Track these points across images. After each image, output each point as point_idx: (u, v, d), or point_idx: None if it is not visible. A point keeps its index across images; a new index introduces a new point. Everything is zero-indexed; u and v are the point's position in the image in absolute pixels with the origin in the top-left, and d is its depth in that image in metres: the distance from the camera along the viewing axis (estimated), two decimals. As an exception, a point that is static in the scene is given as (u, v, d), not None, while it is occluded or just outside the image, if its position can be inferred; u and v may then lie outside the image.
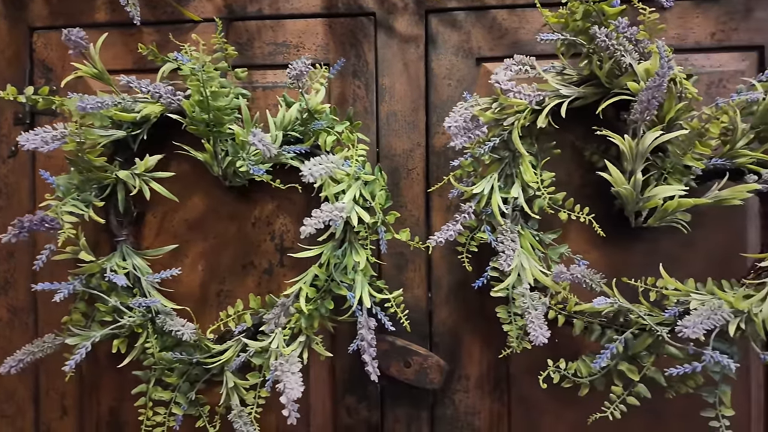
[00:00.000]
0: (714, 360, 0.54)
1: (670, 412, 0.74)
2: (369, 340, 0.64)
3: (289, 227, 0.78)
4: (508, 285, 0.63)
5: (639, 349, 0.63)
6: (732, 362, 0.54)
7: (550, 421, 0.75)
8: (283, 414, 0.61)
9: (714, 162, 0.64)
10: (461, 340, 0.77)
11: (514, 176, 0.67)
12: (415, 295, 0.77)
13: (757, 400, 0.74)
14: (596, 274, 0.61)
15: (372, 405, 0.78)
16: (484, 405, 0.77)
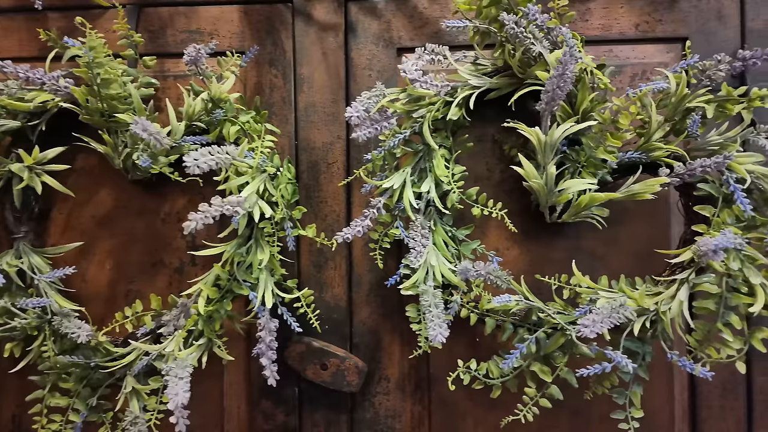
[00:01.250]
0: (613, 359, 0.51)
1: (594, 413, 0.72)
2: (268, 342, 0.61)
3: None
4: (417, 282, 0.60)
5: (552, 348, 0.61)
6: (630, 363, 0.52)
7: (471, 423, 0.73)
8: (171, 421, 0.57)
9: (630, 155, 0.62)
10: (382, 341, 0.74)
11: (427, 170, 0.65)
12: (335, 295, 0.74)
13: (681, 400, 0.73)
14: (503, 271, 0.58)
15: (289, 409, 0.74)
16: (404, 407, 0.74)
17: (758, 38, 0.71)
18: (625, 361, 0.51)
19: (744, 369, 0.55)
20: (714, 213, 0.56)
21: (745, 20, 0.72)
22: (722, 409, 0.72)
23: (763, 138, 0.57)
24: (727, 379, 0.72)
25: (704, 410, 0.72)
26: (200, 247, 0.73)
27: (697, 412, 0.72)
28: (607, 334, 0.54)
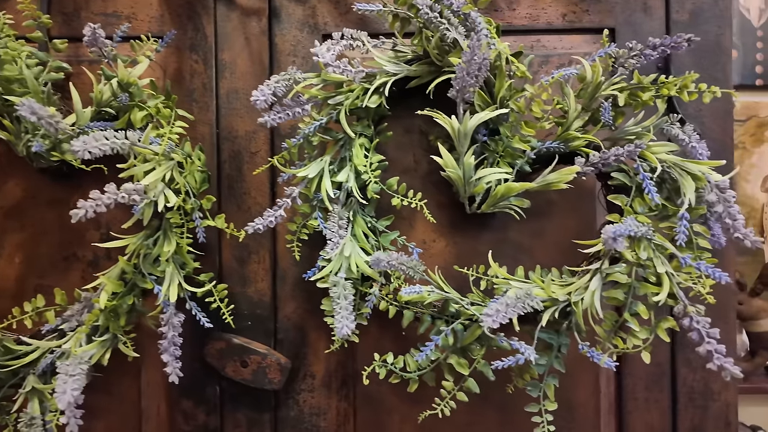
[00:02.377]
0: (517, 348, 0.50)
1: (520, 407, 0.71)
2: (170, 338, 0.58)
3: (117, 215, 0.71)
4: (331, 273, 0.58)
5: (469, 340, 0.59)
6: (532, 351, 0.51)
7: (397, 419, 0.71)
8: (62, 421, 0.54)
9: (548, 145, 0.61)
10: (307, 337, 0.72)
11: (347, 160, 0.63)
12: (259, 289, 0.72)
13: (608, 393, 0.72)
14: (416, 262, 0.57)
15: (210, 409, 0.72)
16: (330, 404, 0.72)
17: (683, 30, 0.71)
18: (528, 350, 0.50)
19: (648, 358, 0.55)
20: (627, 202, 0.56)
21: (669, 12, 0.72)
22: (647, 402, 0.72)
23: (677, 128, 0.57)
24: (652, 371, 0.72)
25: (630, 403, 0.72)
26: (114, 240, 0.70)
27: (623, 404, 0.72)
28: (516, 325, 0.53)
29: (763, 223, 1.44)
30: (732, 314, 0.72)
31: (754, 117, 1.44)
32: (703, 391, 0.72)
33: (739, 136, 1.44)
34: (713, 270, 0.49)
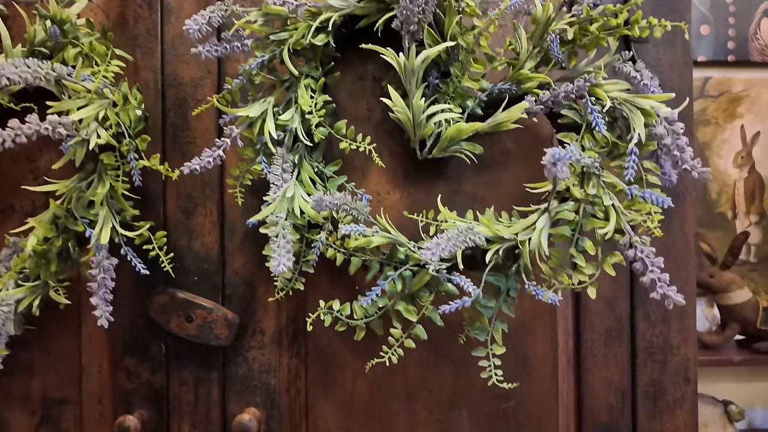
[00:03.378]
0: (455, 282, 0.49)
1: (476, 363, 0.69)
2: (100, 280, 0.55)
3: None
4: (272, 214, 0.56)
5: (417, 286, 0.57)
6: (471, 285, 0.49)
7: (350, 374, 0.69)
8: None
9: (500, 87, 0.60)
10: (257, 292, 0.70)
11: (293, 102, 0.61)
12: (206, 243, 0.69)
13: (566, 349, 0.71)
14: (360, 204, 0.54)
15: (155, 367, 0.69)
16: (281, 361, 0.70)
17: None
18: (474, 290, 0.48)
19: (594, 293, 0.53)
20: (576, 140, 0.54)
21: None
22: (606, 357, 0.70)
23: (630, 66, 0.56)
24: (611, 326, 0.70)
25: (589, 358, 0.70)
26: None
27: (582, 360, 0.70)
28: (460, 263, 0.51)
29: (735, 198, 1.44)
30: (691, 265, 0.70)
31: (726, 93, 1.44)
32: (663, 346, 0.70)
33: (711, 111, 1.44)
34: (658, 197, 0.47)
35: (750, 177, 1.43)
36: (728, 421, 1.30)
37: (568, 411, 0.70)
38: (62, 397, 0.68)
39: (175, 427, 0.69)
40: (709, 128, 1.43)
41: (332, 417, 0.69)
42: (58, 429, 0.68)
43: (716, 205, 1.43)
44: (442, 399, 0.69)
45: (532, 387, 0.69)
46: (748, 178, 1.43)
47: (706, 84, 1.43)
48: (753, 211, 1.43)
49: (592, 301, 0.71)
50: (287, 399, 0.70)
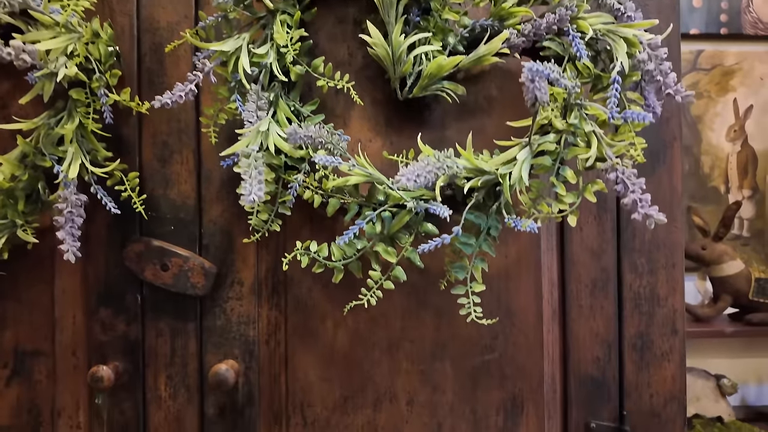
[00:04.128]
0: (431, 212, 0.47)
1: (458, 312, 0.68)
2: (67, 214, 0.54)
3: (30, 110, 0.66)
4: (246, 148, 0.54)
5: (396, 227, 0.56)
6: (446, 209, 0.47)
7: (331, 325, 0.68)
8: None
9: (482, 23, 0.58)
10: (235, 242, 0.68)
11: (268, 38, 0.59)
12: (182, 192, 0.68)
13: (551, 300, 0.69)
14: (336, 137, 0.53)
15: (131, 318, 0.67)
16: (260, 313, 0.68)
17: None
18: (445, 210, 0.47)
19: (574, 221, 0.52)
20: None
21: None
22: (592, 308, 0.69)
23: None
24: (597, 277, 0.69)
25: (574, 309, 0.69)
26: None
27: (567, 311, 0.69)
28: (438, 195, 0.50)
29: (728, 172, 1.43)
30: (679, 216, 0.69)
31: (718, 66, 1.43)
32: (650, 297, 0.69)
33: (704, 85, 1.43)
34: (639, 114, 0.46)
35: (743, 151, 1.42)
36: (720, 395, 1.29)
37: (554, 363, 0.69)
38: (35, 349, 0.67)
39: (151, 380, 0.67)
40: (702, 101, 1.42)
41: (312, 368, 0.67)
42: (31, 381, 0.67)
43: (709, 180, 1.42)
44: (424, 350, 0.68)
45: (517, 338, 0.68)
46: (740, 152, 1.41)
47: (698, 57, 1.42)
48: (746, 185, 1.42)
49: (577, 252, 0.70)
50: (266, 351, 0.68)
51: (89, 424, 0.67)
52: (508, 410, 0.68)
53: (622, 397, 0.69)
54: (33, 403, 0.67)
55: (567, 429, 0.68)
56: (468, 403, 0.67)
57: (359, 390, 0.67)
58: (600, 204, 0.69)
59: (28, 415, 0.66)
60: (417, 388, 0.67)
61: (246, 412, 0.67)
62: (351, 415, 0.67)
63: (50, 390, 0.67)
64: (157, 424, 0.67)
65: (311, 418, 0.67)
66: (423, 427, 0.67)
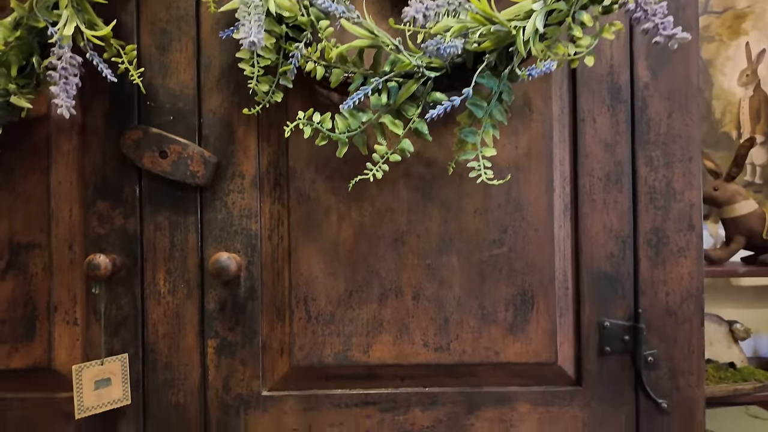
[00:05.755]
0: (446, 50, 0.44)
1: (467, 206, 0.65)
2: (61, 70, 0.51)
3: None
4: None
5: (403, 97, 0.54)
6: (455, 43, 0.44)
7: (335, 219, 0.65)
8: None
9: None
10: (235, 133, 0.66)
11: None
12: (181, 81, 0.65)
13: (563, 194, 0.67)
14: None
15: (129, 211, 0.65)
16: (262, 207, 0.66)
17: None
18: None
19: (592, 61, 0.49)
20: None
21: None
22: (605, 203, 0.66)
23: None
24: (610, 171, 0.66)
25: (587, 204, 0.66)
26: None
27: (580, 205, 0.66)
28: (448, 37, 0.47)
29: (740, 117, 1.40)
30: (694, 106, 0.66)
31: (730, 9, 1.39)
32: (665, 191, 0.66)
33: (715, 28, 1.40)
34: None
35: (755, 95, 1.38)
36: (733, 340, 1.26)
37: (565, 258, 0.66)
38: (30, 241, 0.65)
39: (150, 274, 0.65)
40: (713, 45, 1.38)
41: (316, 263, 0.65)
42: (26, 274, 0.65)
43: (720, 125, 1.39)
44: (430, 244, 0.65)
45: (527, 232, 0.66)
46: (753, 96, 1.38)
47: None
48: (758, 130, 1.38)
49: (590, 145, 0.67)
50: (269, 245, 0.66)
51: (86, 319, 0.65)
52: (518, 306, 0.65)
53: (637, 295, 0.66)
54: (28, 296, 0.65)
55: (579, 327, 0.66)
56: (476, 298, 0.65)
57: (364, 284, 0.65)
58: (613, 95, 0.66)
59: (23, 309, 0.65)
60: (423, 282, 0.65)
61: (248, 307, 0.65)
62: (356, 310, 0.65)
63: (46, 284, 0.65)
64: (156, 319, 0.65)
65: (315, 312, 0.65)
66: (429, 321, 0.65)
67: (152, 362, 0.65)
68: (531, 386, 0.66)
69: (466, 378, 0.66)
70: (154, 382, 0.65)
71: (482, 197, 0.65)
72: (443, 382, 0.66)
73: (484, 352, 0.65)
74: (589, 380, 0.66)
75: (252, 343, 0.65)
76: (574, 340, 0.66)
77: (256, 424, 0.65)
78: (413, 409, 0.65)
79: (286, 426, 0.65)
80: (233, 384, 0.65)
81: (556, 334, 0.65)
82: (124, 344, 0.65)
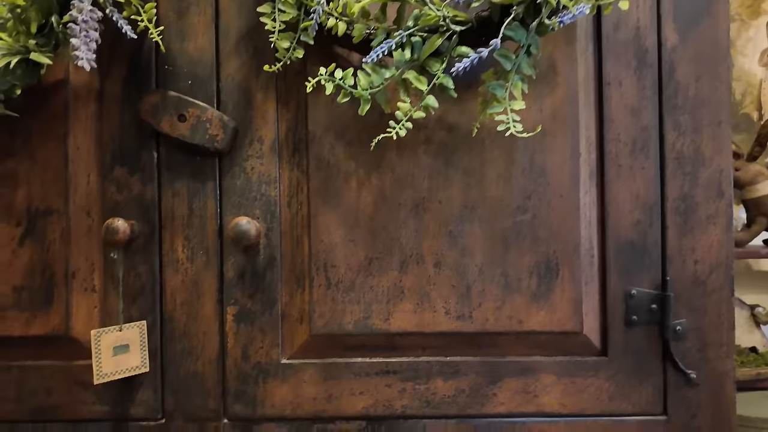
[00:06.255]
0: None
1: (490, 172, 0.64)
2: (82, 23, 0.50)
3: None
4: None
5: (428, 52, 0.52)
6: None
7: (355, 185, 0.64)
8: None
9: None
10: (254, 98, 0.65)
11: None
12: (199, 46, 0.65)
13: (588, 159, 0.65)
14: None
15: (147, 178, 0.65)
16: (281, 174, 0.65)
17: None
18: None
19: (626, 5, 0.48)
20: None
21: None
22: (632, 169, 0.64)
23: None
24: (637, 136, 0.65)
25: (613, 170, 0.64)
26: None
27: (606, 171, 0.64)
28: None
29: (761, 99, 1.37)
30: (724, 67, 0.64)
31: (751, -12, 1.36)
32: (693, 157, 0.65)
33: (735, 8, 1.37)
34: None
35: (776, 77, 1.35)
36: (755, 324, 1.24)
37: (591, 226, 0.65)
38: (48, 208, 0.64)
39: (168, 241, 0.64)
40: (734, 25, 1.35)
41: (336, 230, 0.64)
42: (44, 241, 0.64)
43: (740, 107, 1.36)
44: (452, 211, 0.64)
45: (551, 198, 0.64)
46: (774, 77, 1.35)
47: (729, -20, 1.36)
48: (780, 112, 1.36)
49: (616, 110, 0.65)
50: (288, 212, 0.65)
51: (103, 287, 0.64)
52: (542, 274, 0.64)
53: (665, 264, 0.64)
54: (46, 264, 0.64)
55: (605, 296, 0.64)
56: (498, 266, 0.64)
57: (385, 251, 0.64)
58: (640, 58, 0.64)
59: (41, 276, 0.64)
60: (445, 250, 0.64)
61: (267, 275, 0.64)
62: (376, 277, 0.64)
63: (64, 251, 0.64)
64: (174, 287, 0.64)
65: (335, 279, 0.64)
66: (451, 289, 0.64)
67: (170, 331, 0.64)
68: (555, 357, 0.65)
69: (488, 348, 0.64)
70: (172, 351, 0.64)
71: (505, 163, 0.64)
72: (465, 352, 0.65)
73: (507, 321, 0.64)
74: (615, 351, 0.64)
75: (271, 311, 0.64)
76: (599, 309, 0.65)
77: (274, 393, 0.64)
78: (435, 378, 0.64)
79: (306, 395, 0.64)
80: (252, 352, 0.64)
81: (581, 303, 0.64)
82: (142, 312, 0.64)
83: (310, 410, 0.64)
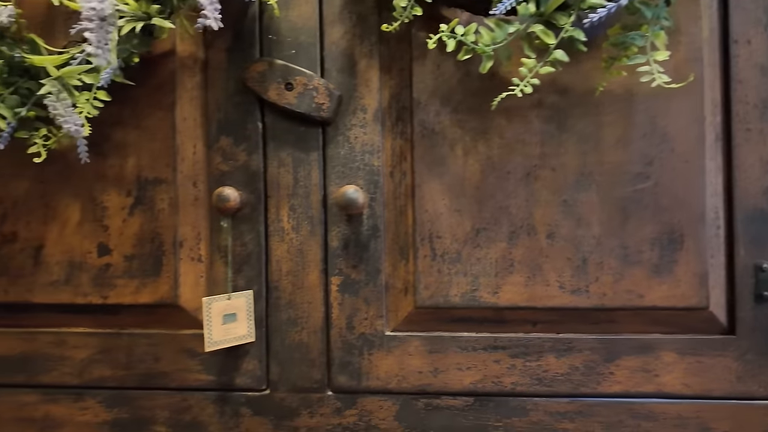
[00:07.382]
0: None
1: (608, 136, 0.60)
2: None
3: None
4: None
5: (554, 5, 0.50)
6: None
7: (461, 153, 0.62)
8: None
9: None
10: (357, 66, 0.64)
11: None
12: (302, 13, 0.64)
13: (714, 123, 0.61)
14: None
15: (252, 148, 0.64)
16: (384, 142, 0.64)
17: None
18: None
19: None
20: None
21: None
22: (762, 133, 0.60)
23: None
24: (767, 97, 0.60)
25: (740, 134, 0.60)
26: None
27: (733, 135, 0.60)
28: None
29: None
30: None
31: None
32: (834, 119, 0.59)
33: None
34: None
35: None
36: None
37: (717, 194, 0.60)
38: (156, 177, 0.65)
39: (273, 211, 0.64)
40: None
41: (441, 199, 0.62)
42: (153, 210, 0.65)
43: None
44: (566, 178, 0.61)
45: (674, 164, 0.60)
46: None
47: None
48: None
49: (744, 69, 0.61)
50: (391, 182, 0.64)
51: (210, 257, 0.65)
52: (664, 245, 0.60)
53: (800, 235, 0.59)
54: (155, 232, 0.65)
55: (733, 270, 0.60)
56: (617, 237, 0.60)
57: (492, 222, 0.62)
58: (772, 13, 0.60)
59: (150, 244, 0.65)
60: (558, 220, 0.61)
61: (371, 246, 0.63)
62: (484, 249, 0.62)
63: (172, 220, 0.65)
64: (279, 256, 0.64)
65: (440, 250, 0.62)
66: (566, 262, 0.61)
67: (275, 300, 0.64)
68: (675, 334, 0.61)
69: (604, 324, 0.61)
70: (277, 320, 0.64)
71: (624, 127, 0.60)
72: (578, 328, 0.61)
73: (626, 296, 0.60)
74: (744, 328, 0.59)
75: (375, 281, 0.63)
76: (726, 284, 0.60)
77: (379, 365, 0.62)
78: (547, 355, 0.61)
79: (411, 368, 0.62)
80: (356, 323, 0.63)
81: (707, 276, 0.59)
82: (248, 282, 0.64)
83: (415, 383, 0.62)
